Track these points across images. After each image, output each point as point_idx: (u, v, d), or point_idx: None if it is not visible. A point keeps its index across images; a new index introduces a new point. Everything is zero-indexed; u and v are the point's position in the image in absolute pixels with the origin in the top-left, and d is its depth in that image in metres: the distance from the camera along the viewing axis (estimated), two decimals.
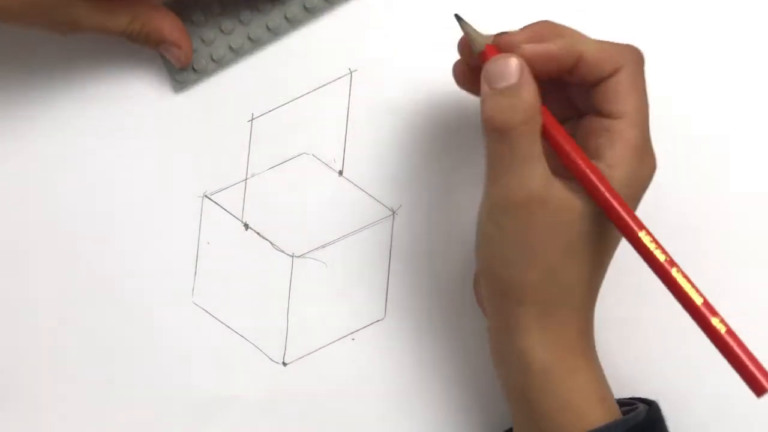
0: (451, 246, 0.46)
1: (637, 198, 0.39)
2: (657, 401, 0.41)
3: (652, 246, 0.37)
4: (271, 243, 0.47)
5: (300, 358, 0.47)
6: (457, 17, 0.40)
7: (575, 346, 0.39)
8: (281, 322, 0.47)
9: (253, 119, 0.47)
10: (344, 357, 0.47)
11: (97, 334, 0.47)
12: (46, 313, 0.47)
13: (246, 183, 0.47)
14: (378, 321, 0.46)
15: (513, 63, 0.37)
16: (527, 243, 0.38)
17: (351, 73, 0.47)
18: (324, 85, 0.47)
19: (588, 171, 0.37)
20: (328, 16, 0.47)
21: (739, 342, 0.36)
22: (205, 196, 0.47)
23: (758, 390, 0.35)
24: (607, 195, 0.37)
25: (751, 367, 0.35)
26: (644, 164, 0.38)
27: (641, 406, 0.41)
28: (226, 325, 0.47)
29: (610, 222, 0.37)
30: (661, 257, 0.36)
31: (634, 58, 0.39)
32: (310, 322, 0.47)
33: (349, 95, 0.47)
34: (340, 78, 0.47)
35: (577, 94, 0.40)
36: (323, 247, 0.47)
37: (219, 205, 0.47)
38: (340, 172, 0.47)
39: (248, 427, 0.46)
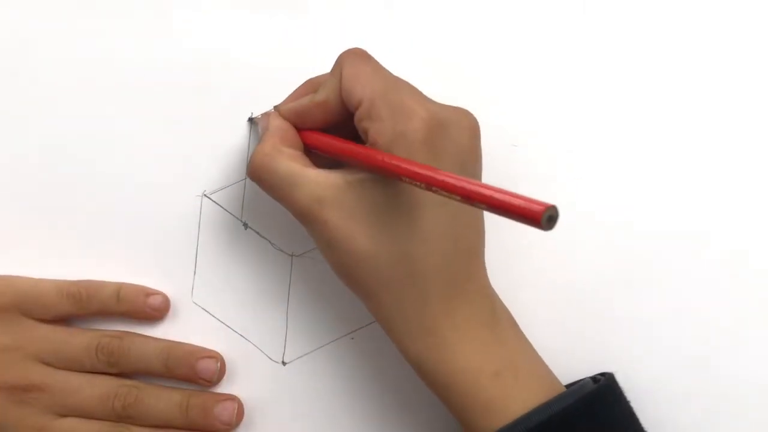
0: None
1: (411, 148, 0.39)
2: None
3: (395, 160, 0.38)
4: (270, 242, 0.47)
5: (299, 357, 0.47)
6: (250, 121, 0.46)
7: (447, 323, 0.39)
8: (281, 321, 0.47)
9: (252, 118, 0.47)
10: (344, 356, 0.47)
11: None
12: None
13: (245, 182, 0.47)
14: None
15: (263, 118, 0.44)
16: (332, 241, 0.40)
17: None
18: None
19: (343, 147, 0.41)
20: (327, 13, 0.47)
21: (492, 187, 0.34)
22: (205, 195, 0.47)
23: (534, 218, 0.33)
24: (355, 150, 0.40)
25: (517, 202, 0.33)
26: (399, 122, 0.39)
27: (587, 380, 0.41)
28: (226, 324, 0.47)
29: (398, 191, 0.39)
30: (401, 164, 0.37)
31: (347, 59, 0.42)
32: (310, 321, 0.47)
33: None
34: None
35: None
36: None
37: (218, 204, 0.47)
38: None
39: (247, 426, 0.46)
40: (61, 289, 0.45)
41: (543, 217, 0.32)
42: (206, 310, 0.47)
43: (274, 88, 0.47)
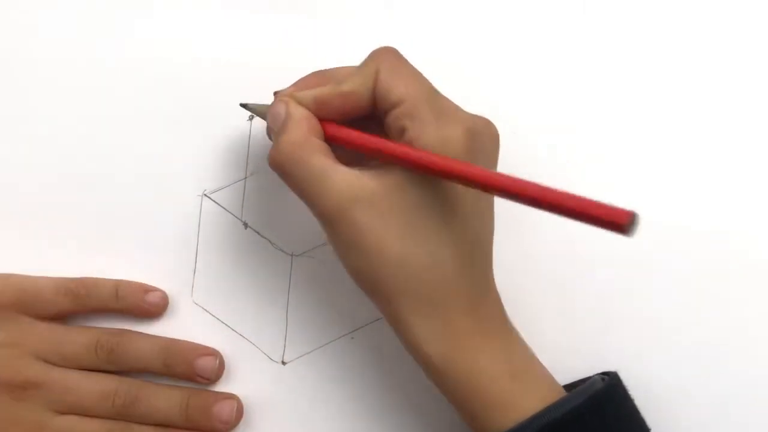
0: None
1: (453, 153, 0.39)
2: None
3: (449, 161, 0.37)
4: (270, 242, 0.47)
5: (299, 357, 0.47)
6: (243, 106, 0.44)
7: (469, 327, 0.39)
8: (280, 320, 0.47)
9: (252, 118, 0.47)
10: (344, 356, 0.47)
11: None
12: None
13: (245, 182, 0.47)
14: (378, 320, 0.46)
15: (278, 104, 0.41)
16: (359, 243, 0.39)
17: None
18: None
19: (383, 143, 0.39)
20: (327, 13, 0.48)
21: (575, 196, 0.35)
22: (205, 194, 0.47)
23: (622, 223, 0.34)
24: (403, 150, 0.38)
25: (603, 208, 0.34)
26: (445, 127, 0.39)
27: (595, 378, 0.41)
28: (226, 324, 0.47)
29: (438, 189, 0.39)
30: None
31: (385, 56, 0.41)
32: (310, 320, 0.47)
33: None
34: None
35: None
36: (323, 245, 0.47)
37: (218, 203, 0.47)
38: None
39: (247, 426, 0.46)
40: (60, 286, 0.45)
41: (629, 223, 0.34)
42: (206, 310, 0.47)
43: (274, 88, 0.47)
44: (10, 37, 0.48)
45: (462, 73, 0.48)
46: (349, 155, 0.41)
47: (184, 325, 0.46)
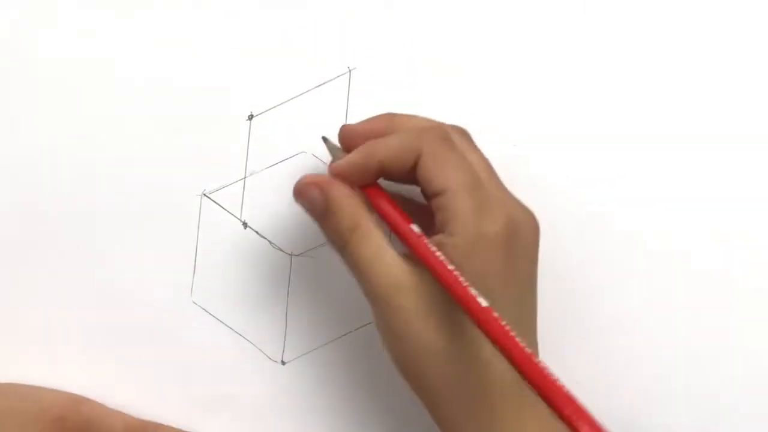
0: None
1: (484, 253, 0.38)
2: None
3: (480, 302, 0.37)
4: (269, 242, 0.47)
5: (299, 356, 0.47)
6: (324, 140, 0.43)
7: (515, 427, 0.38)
8: (280, 320, 0.47)
9: (251, 117, 0.47)
10: (343, 356, 0.47)
11: (96, 332, 0.47)
12: (43, 312, 0.47)
13: (245, 181, 0.47)
14: None
15: (312, 188, 0.41)
16: (401, 331, 0.39)
17: (350, 71, 0.47)
18: (323, 84, 0.47)
19: (410, 237, 0.39)
20: (327, 13, 0.48)
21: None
22: (204, 194, 0.47)
23: None
24: (427, 254, 0.38)
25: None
26: (483, 222, 0.39)
27: None
28: (225, 324, 0.47)
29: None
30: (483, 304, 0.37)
31: (431, 137, 0.40)
32: (309, 320, 0.47)
33: (348, 94, 0.47)
34: (339, 77, 0.47)
35: None
36: (322, 245, 0.47)
37: (217, 203, 0.47)
38: None
39: (247, 425, 0.46)
40: (128, 427, 0.45)
41: None
42: (205, 310, 0.47)
43: (274, 88, 0.47)
44: (10, 37, 0.48)
45: (462, 73, 0.48)
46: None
47: (183, 325, 0.47)
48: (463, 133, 0.42)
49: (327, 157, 0.44)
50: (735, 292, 0.47)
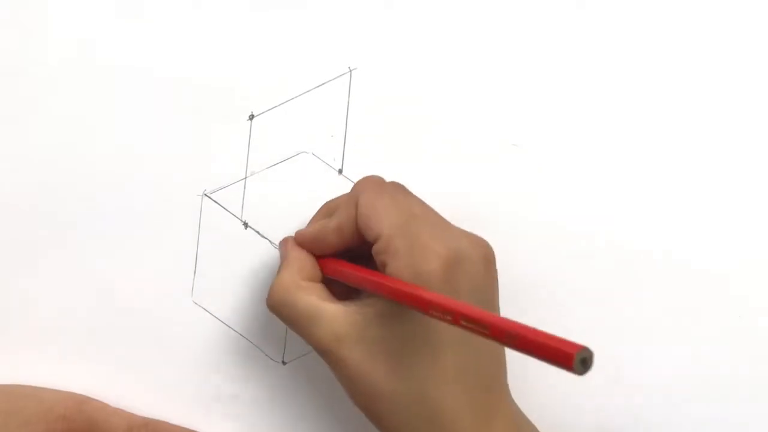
0: None
1: (430, 287, 0.38)
2: None
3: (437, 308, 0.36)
4: (270, 242, 0.47)
5: (299, 357, 0.47)
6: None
7: None
8: (280, 321, 0.47)
9: (252, 117, 0.47)
10: None
11: (97, 333, 0.47)
12: (46, 309, 0.47)
13: (245, 182, 0.47)
14: None
15: (280, 244, 0.44)
16: (351, 378, 0.40)
17: (351, 71, 0.47)
18: (323, 84, 0.47)
19: (366, 275, 0.40)
20: (327, 13, 0.48)
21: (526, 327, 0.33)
22: (205, 194, 0.47)
23: (567, 361, 0.31)
24: (382, 281, 0.39)
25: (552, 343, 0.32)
26: (417, 262, 0.39)
27: None
28: (226, 324, 0.47)
29: (422, 317, 0.37)
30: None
31: (364, 188, 0.41)
32: None
33: (349, 94, 0.47)
34: (339, 76, 0.47)
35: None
36: None
37: (218, 203, 0.47)
38: (340, 171, 0.47)
39: (247, 425, 0.46)
40: (131, 425, 0.45)
41: (575, 360, 0.31)
42: (206, 310, 0.47)
43: (274, 88, 0.47)
44: (9, 38, 0.48)
45: (462, 73, 0.48)
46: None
47: (184, 325, 0.47)
48: (397, 184, 0.43)
49: (327, 157, 0.45)
50: (735, 291, 0.46)
